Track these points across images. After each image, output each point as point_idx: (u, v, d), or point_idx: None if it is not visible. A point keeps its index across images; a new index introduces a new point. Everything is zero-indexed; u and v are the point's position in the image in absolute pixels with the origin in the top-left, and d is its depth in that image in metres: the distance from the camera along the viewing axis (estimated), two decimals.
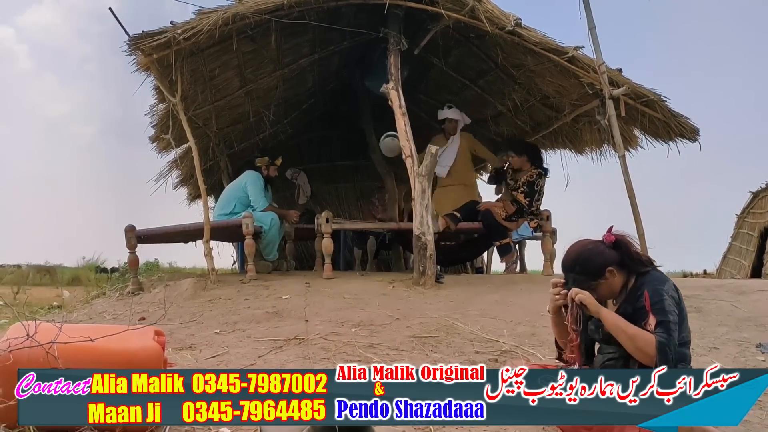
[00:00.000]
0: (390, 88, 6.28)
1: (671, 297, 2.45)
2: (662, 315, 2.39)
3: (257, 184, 6.83)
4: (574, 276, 2.60)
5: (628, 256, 2.60)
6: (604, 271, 2.55)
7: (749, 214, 14.13)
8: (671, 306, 2.42)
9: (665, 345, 2.32)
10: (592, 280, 2.56)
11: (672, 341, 2.35)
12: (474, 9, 5.78)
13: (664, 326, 2.37)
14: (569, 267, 2.63)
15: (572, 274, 2.61)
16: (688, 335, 2.53)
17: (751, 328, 4.52)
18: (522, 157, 7.06)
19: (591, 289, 2.57)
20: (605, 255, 2.58)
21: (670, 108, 6.29)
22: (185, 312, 5.16)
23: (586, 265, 2.58)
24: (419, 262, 5.74)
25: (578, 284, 2.58)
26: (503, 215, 6.81)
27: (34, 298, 9.09)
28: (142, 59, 5.49)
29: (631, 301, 2.53)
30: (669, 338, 2.34)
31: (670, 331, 2.36)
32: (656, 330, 2.37)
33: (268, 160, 7.07)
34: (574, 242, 2.71)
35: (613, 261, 2.57)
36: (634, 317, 2.46)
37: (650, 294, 2.45)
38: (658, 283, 2.50)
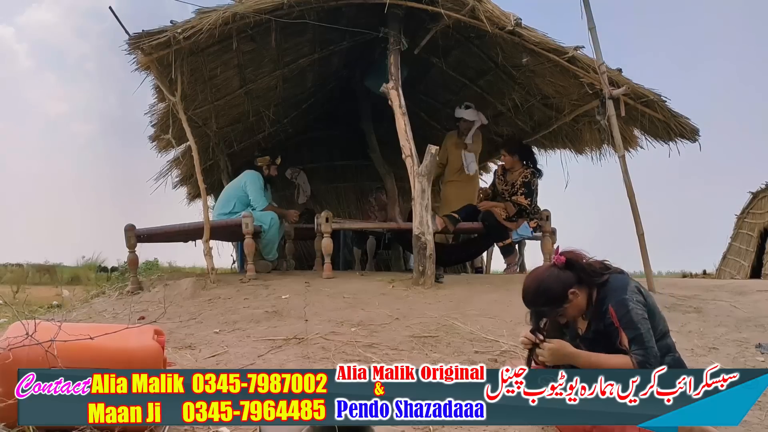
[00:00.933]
0: (390, 87, 6.28)
1: (636, 303, 2.45)
2: (632, 329, 2.40)
3: (257, 183, 6.82)
4: (539, 309, 2.59)
5: (582, 272, 2.58)
6: (566, 294, 2.53)
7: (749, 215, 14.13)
8: (638, 314, 2.42)
9: (644, 362, 2.33)
10: (557, 307, 2.55)
11: (650, 353, 2.35)
12: (474, 9, 5.78)
13: (637, 341, 2.38)
14: (531, 301, 2.60)
15: (537, 308, 2.59)
16: (664, 325, 2.53)
17: (750, 328, 4.52)
18: (514, 157, 7.08)
19: (560, 315, 2.57)
20: (562, 279, 2.56)
21: (670, 108, 6.29)
22: (185, 311, 5.16)
23: (548, 295, 2.55)
24: (419, 261, 5.74)
25: (545, 315, 2.58)
26: (504, 216, 6.81)
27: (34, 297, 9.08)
28: (142, 58, 5.48)
29: (599, 316, 2.53)
30: (646, 352, 2.35)
31: (644, 343, 2.36)
32: (631, 348, 2.37)
33: (269, 159, 7.06)
34: (527, 276, 2.70)
35: (572, 282, 2.55)
36: (608, 333, 2.47)
37: (615, 309, 2.45)
38: (619, 292, 2.49)
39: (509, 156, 7.10)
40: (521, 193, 6.85)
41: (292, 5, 5.59)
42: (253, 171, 6.95)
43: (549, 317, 2.61)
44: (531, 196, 6.87)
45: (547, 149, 8.59)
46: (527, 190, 6.86)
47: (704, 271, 15.43)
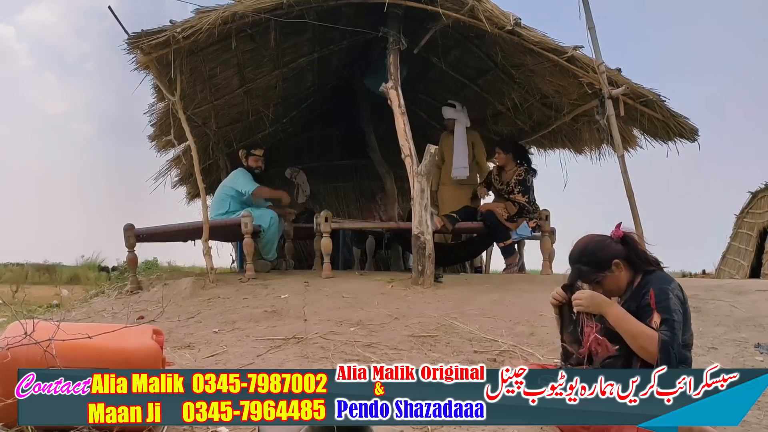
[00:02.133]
0: (389, 87, 6.28)
1: (677, 297, 2.45)
2: (667, 313, 2.39)
3: (242, 175, 6.83)
4: (580, 267, 2.58)
5: (635, 253, 2.59)
6: (610, 263, 2.54)
7: (748, 215, 14.13)
8: (676, 305, 2.42)
9: (668, 344, 2.32)
10: (599, 271, 2.55)
11: (675, 339, 2.35)
12: (473, 8, 5.78)
13: (668, 324, 2.37)
14: (576, 258, 2.62)
15: (578, 265, 2.59)
16: (690, 338, 2.52)
17: (749, 328, 4.52)
18: (508, 155, 7.12)
19: (597, 282, 2.57)
20: (612, 248, 2.57)
21: (669, 108, 6.30)
22: (184, 311, 5.16)
23: (593, 256, 2.57)
24: (418, 261, 5.74)
25: (584, 275, 2.57)
26: (506, 216, 6.82)
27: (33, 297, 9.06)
28: (142, 58, 5.48)
29: (635, 298, 2.52)
30: (672, 336, 2.34)
31: (674, 330, 2.36)
32: (660, 328, 2.36)
33: (243, 152, 7.06)
34: (582, 236, 2.70)
35: (620, 255, 2.56)
36: (638, 314, 2.45)
37: (656, 292, 2.44)
38: (664, 282, 2.49)
39: (503, 154, 7.14)
40: (518, 191, 6.87)
41: (291, 5, 5.59)
42: (239, 168, 6.95)
43: (587, 280, 2.59)
44: (528, 193, 6.90)
45: (547, 149, 8.60)
46: (523, 187, 6.89)
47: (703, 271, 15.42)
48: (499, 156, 7.21)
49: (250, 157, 7.00)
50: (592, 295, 2.52)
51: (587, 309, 2.51)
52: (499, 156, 7.21)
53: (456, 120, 7.58)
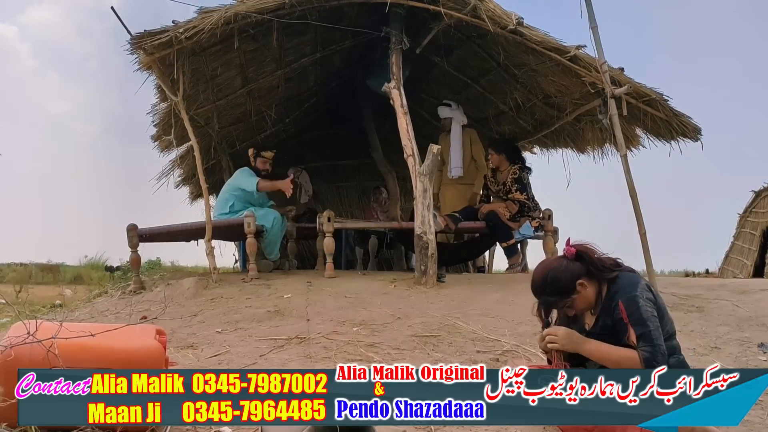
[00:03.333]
0: (392, 87, 6.28)
1: (646, 300, 2.44)
2: (641, 326, 2.39)
3: (246, 172, 6.85)
4: (546, 299, 2.59)
5: (592, 265, 2.58)
6: (574, 285, 2.53)
7: (752, 214, 14.09)
8: (648, 311, 2.41)
9: (651, 359, 2.32)
10: (566, 297, 2.55)
11: (658, 350, 2.34)
12: (476, 8, 5.77)
13: (645, 338, 2.37)
14: (540, 290, 2.61)
15: (544, 297, 2.60)
16: (671, 326, 2.52)
17: (752, 327, 4.51)
18: (501, 155, 7.16)
19: (568, 306, 2.57)
20: (571, 269, 2.56)
21: (672, 107, 6.28)
22: (187, 311, 5.17)
23: (556, 284, 2.56)
24: (420, 261, 5.74)
25: (554, 305, 2.59)
26: (508, 215, 6.82)
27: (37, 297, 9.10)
28: (144, 58, 5.49)
29: (607, 312, 2.52)
30: (653, 349, 2.34)
31: (653, 340, 2.36)
32: (639, 344, 2.37)
33: (252, 151, 7.06)
34: (537, 265, 2.72)
35: (580, 273, 2.55)
36: (615, 329, 2.46)
37: (625, 305, 2.44)
38: (630, 288, 2.48)
39: (495, 155, 7.21)
40: (516, 190, 6.90)
41: (293, 5, 5.59)
42: (243, 168, 6.96)
43: (557, 308, 2.61)
44: (525, 190, 6.92)
45: (549, 148, 8.59)
46: (520, 185, 6.92)
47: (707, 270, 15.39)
48: (492, 157, 7.26)
49: (258, 158, 7.01)
50: (568, 334, 2.50)
51: (564, 348, 2.50)
52: (492, 157, 7.26)
53: (452, 119, 7.60)
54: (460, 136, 7.58)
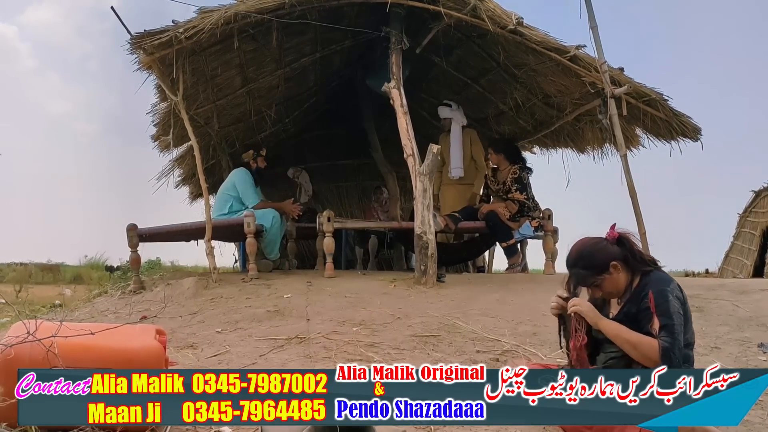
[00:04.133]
0: (392, 87, 6.28)
1: (676, 298, 2.43)
2: (666, 318, 2.37)
3: (246, 180, 6.83)
4: (578, 271, 2.57)
5: (631, 254, 2.57)
6: (608, 265, 2.53)
7: (751, 213, 14.07)
8: (676, 308, 2.40)
9: (669, 350, 2.30)
10: (597, 275, 2.53)
11: (677, 344, 2.33)
12: (476, 8, 5.77)
13: (668, 329, 2.35)
14: (572, 262, 2.60)
15: (576, 269, 2.58)
16: (691, 337, 2.51)
17: (752, 327, 4.51)
18: (500, 155, 7.16)
19: (596, 286, 2.56)
20: (609, 250, 2.56)
21: (672, 107, 6.29)
22: (187, 311, 5.17)
23: (590, 260, 2.55)
24: (420, 261, 5.74)
25: (582, 280, 2.56)
26: (507, 215, 6.82)
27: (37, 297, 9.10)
28: (144, 58, 5.49)
29: (635, 301, 2.51)
30: (673, 342, 2.33)
31: (675, 334, 2.34)
32: (660, 334, 2.35)
33: (252, 153, 7.07)
34: (576, 240, 2.69)
35: (617, 256, 2.54)
36: (638, 318, 2.45)
37: (655, 295, 2.43)
38: (663, 283, 2.47)
39: (495, 154, 7.21)
40: (515, 189, 6.90)
41: (293, 5, 5.59)
42: (240, 169, 6.96)
43: (586, 285, 2.58)
44: (525, 190, 6.92)
45: (549, 148, 8.60)
46: (520, 185, 6.92)
47: (707, 270, 15.37)
48: (491, 156, 7.27)
49: (259, 158, 7.06)
50: (590, 305, 2.52)
51: (584, 313, 2.50)
52: (491, 156, 7.27)
53: (452, 119, 7.60)
54: (460, 136, 7.58)
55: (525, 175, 7.01)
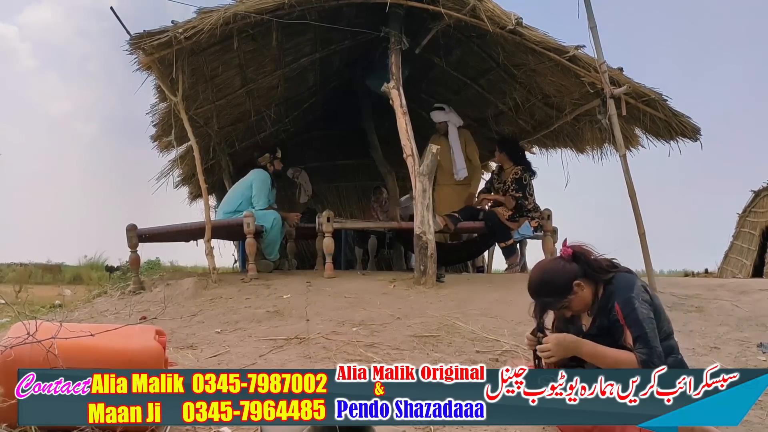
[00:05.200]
0: (391, 87, 6.28)
1: (643, 302, 2.43)
2: (637, 328, 2.38)
3: (265, 183, 6.87)
4: (543, 300, 2.57)
5: (589, 266, 2.57)
6: (571, 286, 2.52)
7: (751, 213, 14.10)
8: (644, 313, 2.40)
9: (648, 362, 2.31)
10: (562, 298, 2.53)
11: (654, 352, 2.33)
12: (475, 8, 5.77)
13: (642, 340, 2.36)
14: (536, 291, 2.59)
15: (541, 298, 2.58)
16: (668, 326, 2.52)
17: (752, 327, 4.52)
18: (502, 154, 7.25)
19: (564, 307, 2.56)
20: (568, 270, 2.55)
21: (671, 107, 6.29)
22: (186, 311, 5.16)
23: (553, 285, 2.55)
24: (420, 261, 5.74)
25: (550, 306, 2.57)
26: (506, 215, 6.83)
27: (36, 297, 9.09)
28: (144, 58, 5.48)
29: (604, 313, 2.51)
30: (650, 351, 2.33)
31: (649, 342, 2.35)
32: (636, 347, 2.35)
33: (269, 156, 7.09)
34: (534, 266, 2.70)
35: (577, 274, 2.54)
36: (612, 331, 2.45)
37: (621, 306, 2.42)
38: (626, 290, 2.47)
39: (498, 153, 7.31)
40: (513, 189, 6.92)
41: (293, 5, 5.60)
42: (261, 170, 6.98)
43: (554, 309, 2.59)
44: (523, 190, 6.92)
45: (548, 148, 8.60)
46: (518, 185, 6.96)
47: (706, 270, 15.39)
48: (497, 156, 7.34)
49: (275, 160, 7.13)
50: (557, 342, 2.46)
51: (558, 358, 2.46)
52: (497, 156, 7.34)
53: (448, 122, 7.60)
54: (458, 138, 7.59)
55: (527, 176, 7.03)
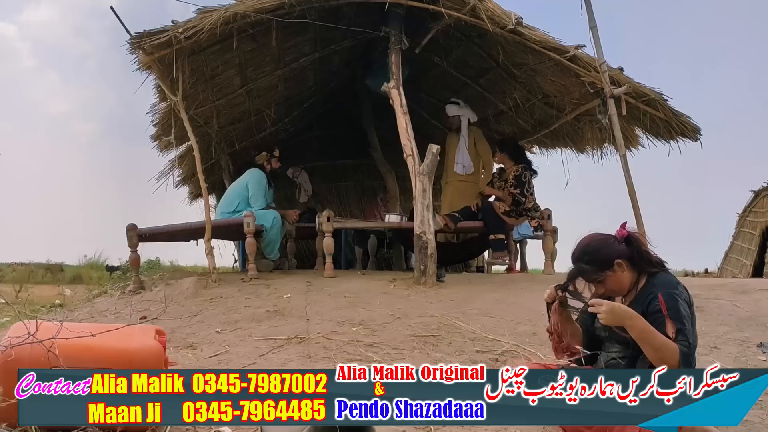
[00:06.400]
0: (391, 86, 6.28)
1: (684, 301, 2.41)
2: (679, 322, 2.34)
3: (260, 182, 6.85)
4: (581, 266, 2.53)
5: (638, 254, 2.53)
6: (612, 262, 2.49)
7: (751, 213, 14.08)
8: (686, 311, 2.37)
9: (688, 355, 2.28)
10: (600, 270, 2.49)
11: (692, 348, 2.31)
12: (475, 8, 5.78)
13: (683, 334, 2.31)
14: (578, 256, 2.57)
15: (580, 264, 2.54)
16: (695, 339, 2.50)
17: (752, 327, 4.51)
18: (503, 154, 7.24)
19: (599, 282, 2.52)
20: (615, 247, 2.52)
21: (671, 107, 6.29)
22: (186, 311, 5.16)
23: (595, 255, 2.52)
24: (420, 261, 5.74)
25: (586, 274, 2.52)
26: (503, 209, 6.84)
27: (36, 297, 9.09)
28: (144, 58, 5.49)
29: (640, 302, 2.47)
30: (690, 346, 2.30)
31: (689, 339, 2.32)
32: (677, 338, 2.31)
33: (266, 154, 7.09)
34: (584, 235, 2.64)
35: (622, 255, 2.51)
36: (647, 320, 2.42)
37: (665, 298, 2.39)
38: (671, 286, 2.44)
39: (499, 153, 7.31)
40: (511, 185, 6.94)
41: (293, 5, 5.60)
42: (257, 169, 6.98)
43: (589, 280, 2.54)
44: (521, 187, 6.92)
45: (549, 148, 8.61)
46: (517, 182, 6.96)
47: (706, 270, 15.38)
48: (497, 156, 7.34)
49: (273, 159, 7.11)
50: (612, 308, 2.37)
51: (608, 322, 2.39)
52: (497, 156, 7.34)
53: (461, 116, 7.60)
54: (468, 134, 7.60)
55: (527, 174, 7.03)
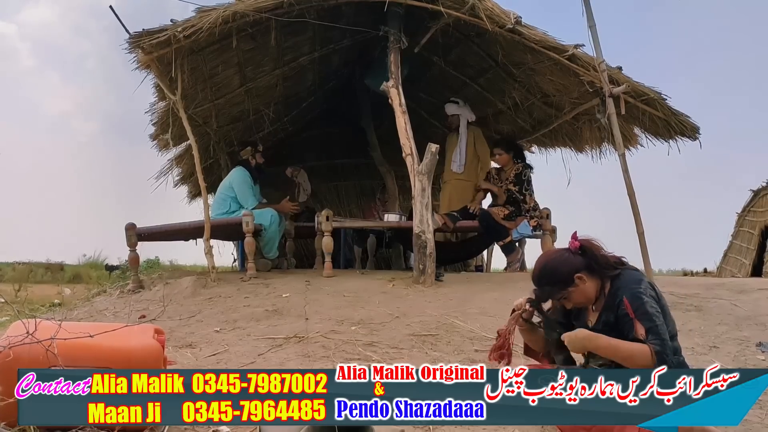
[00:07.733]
0: (390, 86, 6.28)
1: (650, 297, 2.42)
2: (648, 320, 2.36)
3: (245, 181, 6.81)
4: (543, 288, 2.57)
5: (595, 261, 2.55)
6: (572, 278, 2.51)
7: (750, 213, 14.11)
8: (653, 307, 2.39)
9: (662, 353, 2.30)
10: (563, 289, 2.53)
11: (666, 345, 2.33)
12: (474, 7, 5.77)
13: (653, 332, 2.34)
14: (537, 280, 2.60)
15: (541, 287, 2.58)
16: (673, 327, 2.51)
17: (751, 326, 4.51)
18: (509, 154, 7.22)
19: (564, 299, 2.55)
20: (571, 262, 2.54)
21: (670, 106, 6.29)
22: (185, 310, 5.16)
23: (554, 275, 2.55)
24: (419, 260, 5.74)
25: (549, 296, 2.57)
26: (501, 215, 6.83)
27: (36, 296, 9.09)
28: (143, 57, 5.48)
29: (611, 308, 2.49)
30: (663, 343, 2.32)
31: (661, 335, 2.34)
32: (648, 339, 2.34)
33: (251, 149, 7.08)
34: (540, 255, 2.70)
35: (580, 267, 2.53)
36: (619, 326, 2.44)
37: (630, 300, 2.41)
38: (634, 285, 2.46)
39: (505, 154, 7.24)
40: (511, 182, 6.95)
41: (292, 4, 5.59)
42: (238, 168, 6.96)
43: (553, 299, 2.58)
44: (520, 185, 6.93)
45: (548, 147, 8.60)
46: (517, 180, 6.99)
47: (705, 269, 15.40)
48: (500, 157, 7.26)
49: (257, 154, 7.07)
50: (570, 339, 2.46)
51: (575, 351, 2.49)
52: (500, 157, 7.26)
53: (460, 115, 7.60)
54: (466, 132, 7.60)
55: (526, 172, 7.04)
